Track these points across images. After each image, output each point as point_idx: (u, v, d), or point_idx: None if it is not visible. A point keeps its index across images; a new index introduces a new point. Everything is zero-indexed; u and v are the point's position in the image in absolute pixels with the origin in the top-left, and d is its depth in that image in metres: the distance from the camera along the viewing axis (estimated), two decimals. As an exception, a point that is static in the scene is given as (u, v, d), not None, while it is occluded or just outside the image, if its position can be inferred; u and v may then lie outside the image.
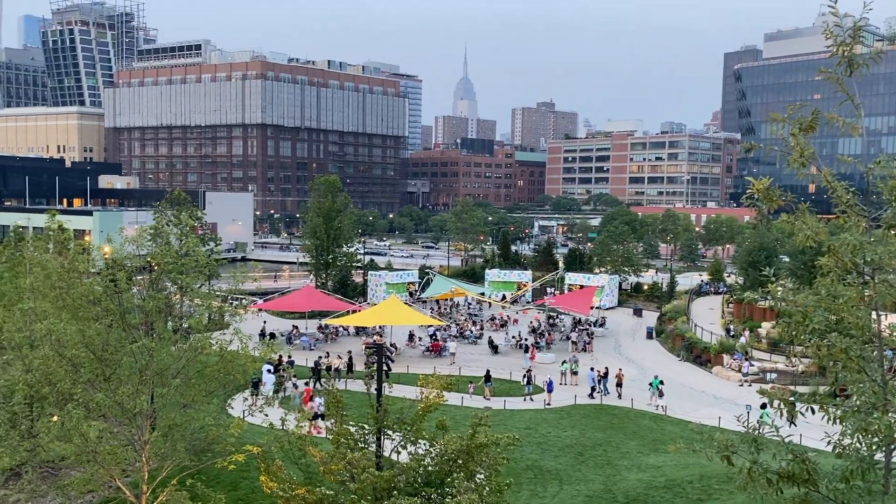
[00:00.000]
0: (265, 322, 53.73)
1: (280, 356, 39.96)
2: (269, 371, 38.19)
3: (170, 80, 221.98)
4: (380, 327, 52.75)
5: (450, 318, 61.02)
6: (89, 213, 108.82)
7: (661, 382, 39.33)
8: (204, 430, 18.57)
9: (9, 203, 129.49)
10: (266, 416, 20.38)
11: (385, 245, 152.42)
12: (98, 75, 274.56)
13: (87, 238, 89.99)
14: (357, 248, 74.43)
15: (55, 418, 18.58)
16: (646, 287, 77.01)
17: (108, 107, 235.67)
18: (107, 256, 29.52)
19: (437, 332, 52.73)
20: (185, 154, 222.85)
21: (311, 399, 35.73)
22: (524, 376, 41.17)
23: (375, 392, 19.86)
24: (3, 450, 19.70)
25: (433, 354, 49.47)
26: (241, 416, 22.38)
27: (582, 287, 67.42)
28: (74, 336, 17.81)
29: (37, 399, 19.89)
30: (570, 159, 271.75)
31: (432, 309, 63.94)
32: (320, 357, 44.25)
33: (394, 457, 18.67)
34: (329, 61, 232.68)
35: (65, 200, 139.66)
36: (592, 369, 41.22)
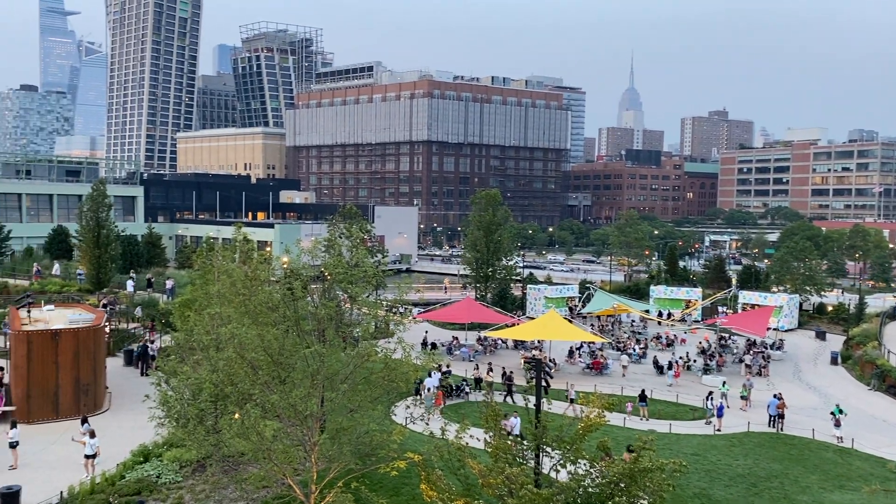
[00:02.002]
0: (427, 332, 55.02)
1: (440, 366, 40.70)
2: (430, 375, 39.00)
3: (344, 100, 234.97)
4: (538, 342, 52.32)
5: (611, 335, 59.37)
6: (271, 226, 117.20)
7: (841, 411, 35.86)
8: (369, 434, 19.20)
9: (202, 216, 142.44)
10: (427, 424, 20.74)
11: (545, 259, 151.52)
12: (280, 98, 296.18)
13: (268, 249, 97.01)
14: (516, 262, 74.46)
15: (236, 416, 19.95)
16: (830, 308, 70.77)
17: (288, 127, 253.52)
18: (285, 266, 31.45)
19: (598, 350, 51.47)
20: (356, 170, 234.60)
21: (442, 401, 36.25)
22: (707, 397, 38.97)
23: (534, 408, 19.63)
24: (191, 443, 21.46)
25: (594, 372, 48.32)
26: (404, 424, 22.97)
27: (757, 307, 63.15)
28: (254, 340, 19.09)
29: (221, 397, 21.48)
30: (745, 170, 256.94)
31: (593, 325, 62.55)
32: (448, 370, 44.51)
33: (552, 475, 18.34)
34: (493, 77, 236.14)
35: (250, 214, 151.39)
36: (775, 396, 38.34)
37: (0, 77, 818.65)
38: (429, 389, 37.23)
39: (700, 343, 56.07)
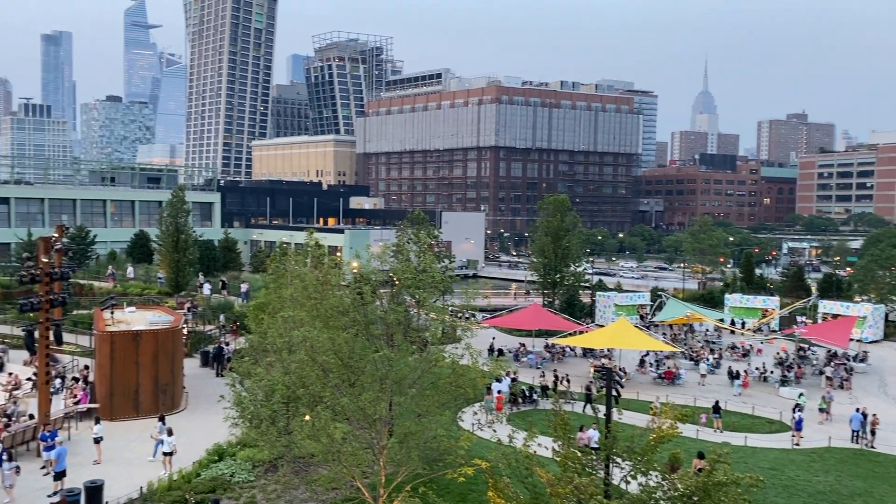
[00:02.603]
0: (493, 338, 54.85)
1: (507, 372, 40.52)
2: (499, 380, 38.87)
3: (412, 107, 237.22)
4: (608, 350, 51.47)
5: (684, 344, 57.88)
6: (341, 232, 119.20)
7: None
8: (436, 440, 19.24)
9: (276, 221, 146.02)
10: (494, 431, 20.64)
11: (616, 266, 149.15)
12: (351, 105, 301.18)
13: (338, 254, 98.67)
14: (585, 268, 73.49)
15: (307, 418, 20.31)
16: (919, 320, 67.25)
17: (358, 134, 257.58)
18: (355, 271, 31.89)
19: (669, 359, 50.26)
20: (424, 176, 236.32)
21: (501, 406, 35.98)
22: (794, 409, 37.53)
23: (604, 417, 19.30)
24: (264, 444, 21.97)
25: (665, 382, 47.20)
26: (471, 430, 22.93)
27: (839, 317, 60.54)
28: (326, 343, 19.40)
29: (292, 399, 21.92)
30: (825, 175, 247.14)
31: (664, 334, 61.14)
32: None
33: (622, 486, 17.98)
34: (562, 82, 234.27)
35: (321, 219, 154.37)
36: (858, 410, 36.61)
37: (88, 89, 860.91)
38: (489, 391, 37.12)
39: (777, 354, 54.11)
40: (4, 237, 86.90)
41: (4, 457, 25.77)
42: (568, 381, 42.69)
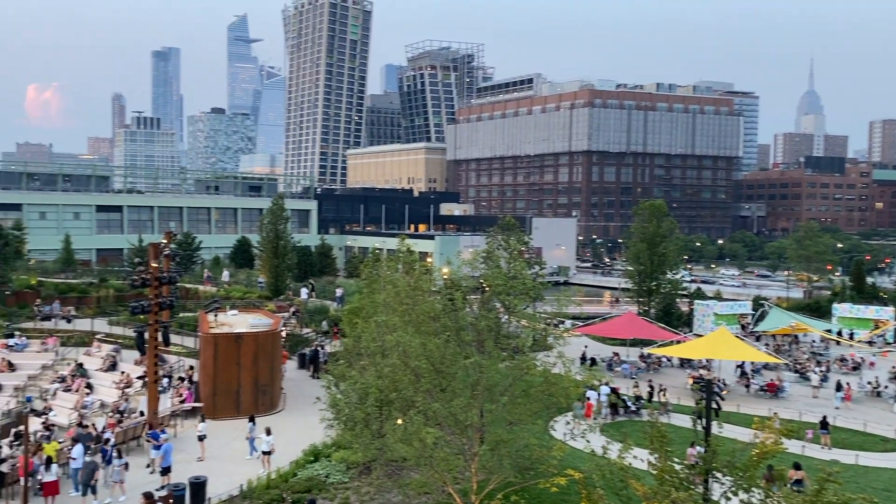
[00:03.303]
0: (586, 346, 53.95)
1: (606, 381, 39.76)
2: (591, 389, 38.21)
3: (503, 113, 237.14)
4: (707, 360, 49.66)
5: (788, 355, 55.17)
6: (432, 238, 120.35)
7: None
8: (528, 448, 19.04)
9: (369, 228, 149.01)
10: (588, 441, 20.25)
11: (715, 273, 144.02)
12: (442, 113, 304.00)
13: (429, 260, 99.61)
14: (682, 276, 71.27)
15: (399, 422, 20.52)
16: None
17: (449, 141, 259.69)
18: (445, 277, 32.04)
19: (773, 371, 47.99)
20: (514, 182, 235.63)
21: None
22: None
23: (703, 430, 18.59)
24: (358, 446, 22.34)
25: (768, 395, 45.10)
26: (564, 440, 22.59)
27: (962, 329, 56.29)
28: (418, 348, 19.56)
29: (385, 403, 22.21)
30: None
31: (767, 344, 58.48)
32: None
33: (722, 502, 17.25)
34: (658, 84, 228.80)
35: (412, 226, 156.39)
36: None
37: (194, 102, 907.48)
38: (579, 399, 36.53)
39: (893, 368, 50.76)
40: (118, 243, 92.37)
41: (114, 454, 27.22)
42: (664, 392, 41.46)
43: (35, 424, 33.58)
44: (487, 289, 26.27)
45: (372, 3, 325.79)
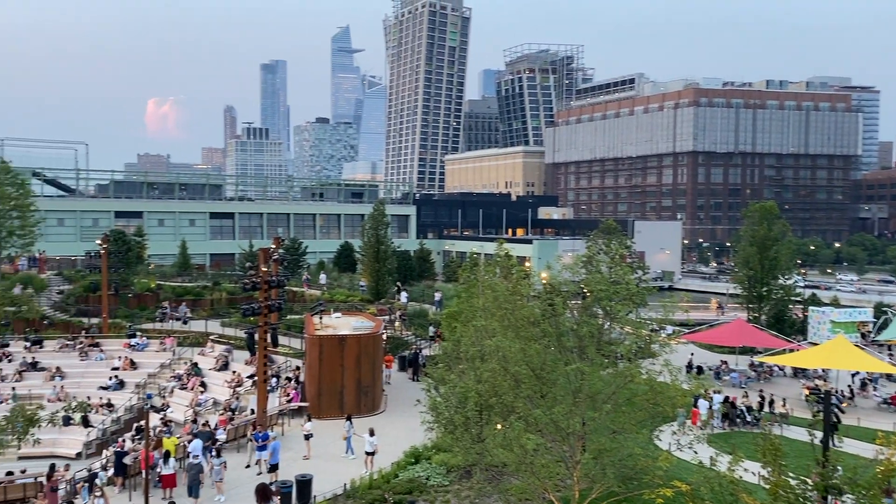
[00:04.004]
0: (692, 354, 52.14)
1: (718, 390, 38.33)
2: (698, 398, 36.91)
3: (604, 115, 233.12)
4: (823, 371, 46.95)
5: (916, 366, 51.40)
6: (529, 242, 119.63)
7: None
8: (632, 458, 18.57)
9: (467, 232, 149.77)
10: (696, 452, 19.53)
11: (832, 279, 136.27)
12: (541, 116, 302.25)
13: (527, 264, 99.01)
14: (796, 281, 67.72)
15: (499, 427, 20.45)
16: None
17: (548, 144, 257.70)
18: (544, 281, 31.74)
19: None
20: (615, 185, 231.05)
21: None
22: None
23: (822, 444, 17.56)
24: (458, 450, 22.43)
25: (893, 408, 42.15)
26: (670, 450, 21.90)
27: None
28: (518, 354, 19.45)
29: (485, 407, 22.21)
30: None
31: (891, 354, 54.72)
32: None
33: (843, 522, 16.24)
34: (767, 81, 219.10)
35: (510, 230, 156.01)
36: None
37: (301, 112, 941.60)
38: (684, 407, 35.29)
39: None
40: (230, 248, 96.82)
41: (213, 452, 28.33)
42: (783, 402, 39.50)
43: (154, 420, 35.64)
44: (589, 294, 25.82)
45: (470, 10, 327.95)
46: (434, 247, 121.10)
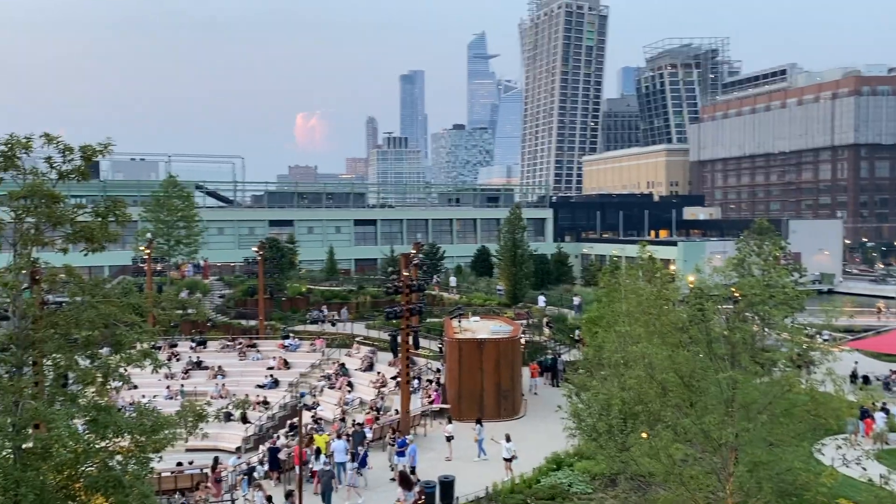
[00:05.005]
0: (856, 363, 48.21)
1: (882, 404, 35.23)
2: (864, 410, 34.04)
3: (753, 108, 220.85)
4: None
5: None
6: (674, 244, 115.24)
7: None
8: (792, 472, 17.41)
9: (606, 235, 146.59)
10: (864, 469, 18.03)
11: None
12: (684, 113, 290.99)
13: (671, 267, 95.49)
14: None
15: (644, 435, 19.82)
16: None
17: (692, 142, 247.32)
18: (691, 285, 30.52)
19: None
20: (766, 182, 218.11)
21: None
22: None
23: None
24: (601, 458, 21.97)
25: None
26: (834, 465, 20.33)
27: None
28: (664, 360, 18.78)
29: (629, 415, 21.61)
30: None
31: None
32: None
33: None
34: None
35: (652, 232, 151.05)
36: None
37: (437, 119, 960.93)
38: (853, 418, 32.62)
39: None
40: (373, 254, 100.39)
41: (347, 457, 29.11)
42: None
43: (306, 418, 37.48)
44: (741, 298, 24.55)
45: (608, 8, 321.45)
46: (572, 250, 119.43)
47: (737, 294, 25.02)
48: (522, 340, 44.78)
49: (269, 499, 25.54)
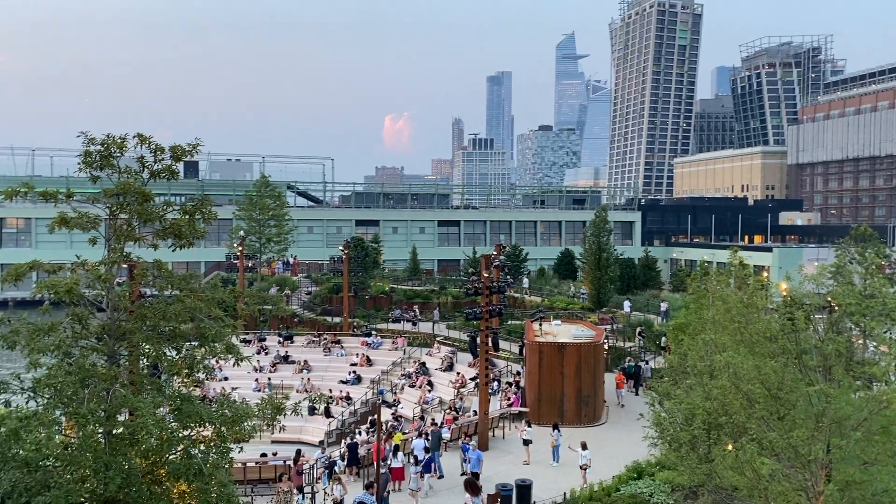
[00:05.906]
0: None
1: None
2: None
3: (857, 109, 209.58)
4: None
5: None
6: (769, 250, 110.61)
7: None
8: (889, 494, 16.35)
9: (696, 239, 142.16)
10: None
11: None
12: (782, 114, 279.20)
13: (765, 274, 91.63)
14: None
15: (729, 448, 19.06)
16: None
17: (790, 144, 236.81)
18: (784, 293, 29.18)
19: None
20: (871, 187, 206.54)
21: None
22: None
23: None
24: (683, 468, 21.25)
25: None
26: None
27: None
28: (751, 371, 18.00)
29: (713, 426, 20.83)
30: None
31: None
32: None
33: None
34: None
35: (746, 237, 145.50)
36: None
37: (523, 121, 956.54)
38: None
39: None
40: (455, 254, 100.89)
41: (411, 460, 29.10)
42: None
43: (386, 415, 37.95)
44: (837, 308, 23.30)
45: (702, 6, 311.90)
46: (660, 254, 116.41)
47: (832, 303, 23.76)
48: (606, 346, 43.92)
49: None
